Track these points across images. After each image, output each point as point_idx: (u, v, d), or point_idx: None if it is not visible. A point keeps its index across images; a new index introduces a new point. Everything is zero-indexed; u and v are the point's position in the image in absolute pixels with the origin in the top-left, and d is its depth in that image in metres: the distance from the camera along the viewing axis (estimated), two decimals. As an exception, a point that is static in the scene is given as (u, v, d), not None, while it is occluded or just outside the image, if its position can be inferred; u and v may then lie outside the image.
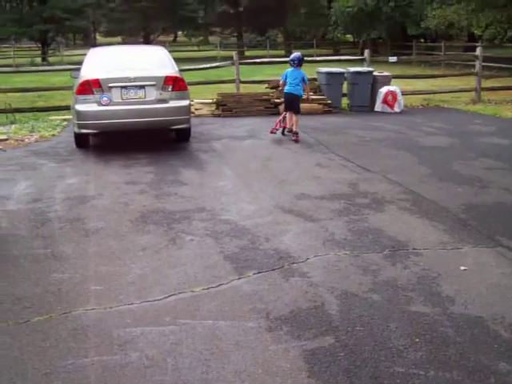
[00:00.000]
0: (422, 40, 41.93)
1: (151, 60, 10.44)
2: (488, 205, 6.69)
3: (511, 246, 5.40)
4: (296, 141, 10.41)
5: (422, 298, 4.33)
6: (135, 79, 9.43)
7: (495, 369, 3.46)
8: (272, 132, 10.84)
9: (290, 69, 10.78)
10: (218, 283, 4.57)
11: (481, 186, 7.44)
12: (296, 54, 11.17)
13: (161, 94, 9.49)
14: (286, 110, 10.85)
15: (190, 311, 4.14)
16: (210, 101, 14.44)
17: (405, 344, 3.70)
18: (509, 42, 29.18)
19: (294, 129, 10.52)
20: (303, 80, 10.69)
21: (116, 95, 9.36)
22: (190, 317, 4.05)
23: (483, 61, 17.23)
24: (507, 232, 5.75)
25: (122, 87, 9.38)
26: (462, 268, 4.87)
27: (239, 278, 4.67)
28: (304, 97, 11.04)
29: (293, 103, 10.67)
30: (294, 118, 10.58)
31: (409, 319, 4.02)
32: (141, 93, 9.45)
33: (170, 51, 11.81)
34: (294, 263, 4.95)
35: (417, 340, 3.75)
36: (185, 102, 9.75)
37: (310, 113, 13.64)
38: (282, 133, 10.93)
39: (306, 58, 11.86)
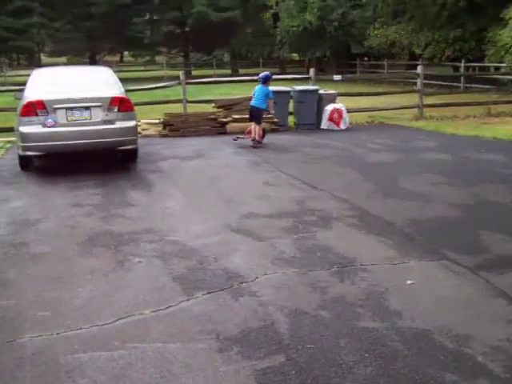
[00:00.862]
0: (366, 58, 42.75)
1: (97, 81, 10.34)
2: (432, 219, 6.83)
3: (456, 258, 5.52)
4: (253, 147, 11.65)
5: (371, 313, 4.38)
6: (80, 100, 9.33)
7: (442, 380, 3.52)
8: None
9: (258, 85, 12.24)
10: (167, 305, 4.53)
11: (425, 201, 7.59)
12: (264, 73, 12.87)
13: (107, 114, 9.41)
14: (250, 120, 12.16)
15: (140, 334, 4.08)
16: (157, 121, 14.38)
17: (355, 360, 3.74)
18: (447, 61, 30.05)
19: (254, 136, 11.85)
20: (267, 95, 12.01)
21: (61, 116, 9.23)
22: (140, 340, 4.00)
23: (424, 78, 17.73)
24: (451, 245, 5.89)
25: (67, 108, 9.27)
26: (409, 282, 4.95)
27: (188, 299, 4.63)
28: (271, 111, 12.53)
29: (255, 115, 12.05)
30: (257, 127, 11.91)
31: (358, 335, 4.06)
32: (86, 114, 9.35)
33: (116, 71, 11.75)
34: (243, 283, 4.95)
35: (366, 355, 3.79)
36: (131, 123, 9.70)
37: (257, 131, 13.73)
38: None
39: (251, 78, 12.39)
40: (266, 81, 12.26)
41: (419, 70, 17.39)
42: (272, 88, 14.66)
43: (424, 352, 3.84)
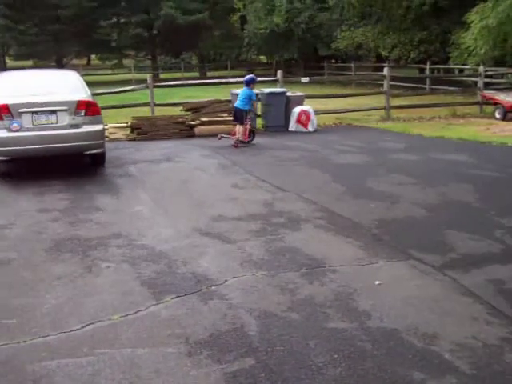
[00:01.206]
0: (333, 60, 43.04)
1: (63, 84, 10.22)
2: (400, 219, 6.91)
3: (423, 258, 5.59)
4: (234, 146, 12.18)
5: (340, 314, 4.42)
6: (46, 104, 9.22)
7: (410, 378, 3.57)
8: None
9: (243, 88, 12.80)
10: (136, 310, 4.50)
11: (392, 202, 7.68)
12: (248, 75, 13.36)
13: (73, 118, 9.32)
14: (234, 121, 12.76)
15: (108, 340, 4.05)
16: (125, 124, 14.30)
17: (324, 361, 3.76)
18: (413, 63, 30.42)
19: (238, 136, 12.38)
20: (250, 97, 12.50)
21: (27, 121, 9.12)
22: (108, 346, 3.97)
23: (391, 80, 17.92)
24: (418, 245, 5.97)
25: (32, 112, 9.15)
26: (377, 282, 5.00)
27: (157, 304, 4.61)
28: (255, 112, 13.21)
29: (238, 116, 12.54)
30: (241, 128, 12.44)
31: (327, 336, 4.08)
32: (52, 118, 9.24)
33: (83, 75, 11.65)
34: (212, 286, 4.95)
35: (336, 356, 3.82)
36: (98, 127, 9.61)
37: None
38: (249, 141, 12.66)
39: (219, 80, 12.39)
40: (249, 83, 12.69)
41: (385, 71, 17.59)
42: (239, 91, 14.71)
43: (392, 351, 3.88)
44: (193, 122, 14.08)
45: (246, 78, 13.15)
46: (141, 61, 56.45)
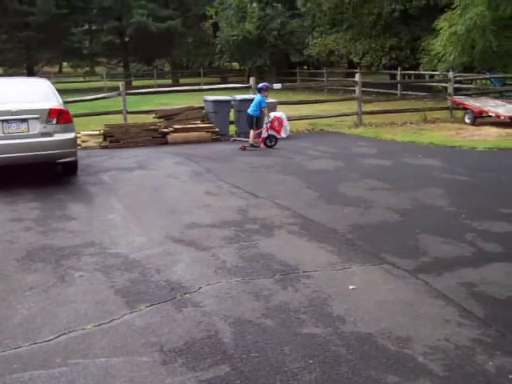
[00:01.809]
0: (306, 67, 43.24)
1: (34, 92, 10.13)
2: (373, 224, 6.96)
3: (396, 262, 5.64)
4: (242, 149, 12.79)
5: (314, 319, 4.43)
6: (17, 112, 9.12)
7: (385, 382, 3.60)
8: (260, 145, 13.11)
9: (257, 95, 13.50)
10: (110, 319, 4.47)
11: (366, 207, 7.73)
12: (261, 83, 13.95)
13: (45, 127, 9.24)
14: (248, 126, 13.41)
15: (82, 350, 4.02)
16: (97, 132, 14.21)
17: (299, 366, 3.77)
18: (384, 69, 30.71)
19: (250, 140, 13.10)
20: (260, 104, 13.03)
21: (-3, 129, 9.01)
22: (82, 356, 3.93)
23: (362, 86, 18.08)
24: (392, 249, 6.02)
25: (3, 121, 9.05)
26: (351, 287, 5.03)
27: (131, 312, 4.59)
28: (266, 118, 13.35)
29: (248, 121, 13.30)
30: (251, 132, 13.11)
31: (302, 341, 4.09)
32: (23, 126, 9.16)
33: (54, 82, 11.56)
34: (186, 293, 4.93)
35: (310, 361, 3.83)
36: (70, 135, 9.54)
37: (198, 141, 13.75)
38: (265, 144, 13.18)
39: (192, 88, 12.42)
40: (260, 90, 13.39)
41: (357, 77, 17.72)
42: (212, 97, 14.75)
43: (367, 355, 3.91)
44: (166, 130, 14.05)
45: (259, 85, 13.87)
46: (113, 68, 56.19)
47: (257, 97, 13.39)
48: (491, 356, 3.89)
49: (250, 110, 13.24)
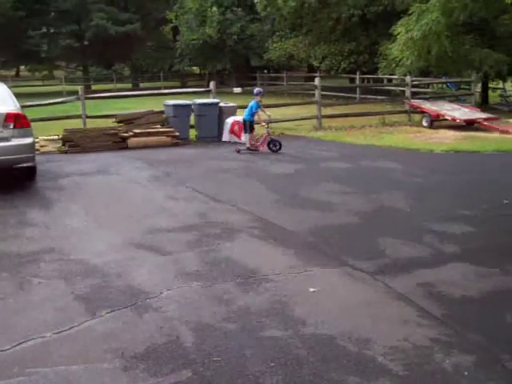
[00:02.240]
0: (266, 71, 43.35)
1: (-10, 96, 9.95)
2: (333, 227, 7.03)
3: (356, 264, 5.71)
4: (237, 151, 12.95)
5: (275, 322, 4.46)
6: (-28, 117, 8.95)
7: (346, 383, 3.65)
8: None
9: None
10: (70, 326, 4.42)
11: (326, 210, 7.80)
12: (256, 89, 13.99)
13: (1, 132, 9.07)
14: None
15: (41, 358, 3.96)
16: (56, 137, 14.01)
17: (261, 370, 3.79)
18: (344, 73, 31.02)
19: (246, 144, 13.20)
20: (251, 109, 13.20)
21: (-48, 134, 8.83)
22: (41, 364, 3.88)
23: (322, 90, 18.23)
24: (352, 251, 6.09)
25: (-42, 126, 8.87)
26: (312, 290, 5.07)
27: (92, 319, 4.55)
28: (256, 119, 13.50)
29: (243, 126, 13.49)
30: (247, 136, 13.22)
31: (263, 345, 4.11)
32: (-21, 131, 8.98)
33: (11, 86, 11.36)
34: (147, 299, 4.91)
35: (272, 364, 3.85)
36: (28, 140, 9.38)
37: (158, 145, 13.67)
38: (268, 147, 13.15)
39: (152, 92, 12.29)
40: (255, 95, 13.48)
41: (317, 81, 17.86)
42: (172, 102, 14.69)
43: (328, 357, 3.95)
44: (126, 134, 13.93)
45: (254, 90, 13.96)
46: (72, 72, 55.52)
47: (251, 102, 13.46)
48: (448, 354, 3.98)
49: (244, 115, 13.44)
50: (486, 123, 16.75)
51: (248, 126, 13.31)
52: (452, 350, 4.03)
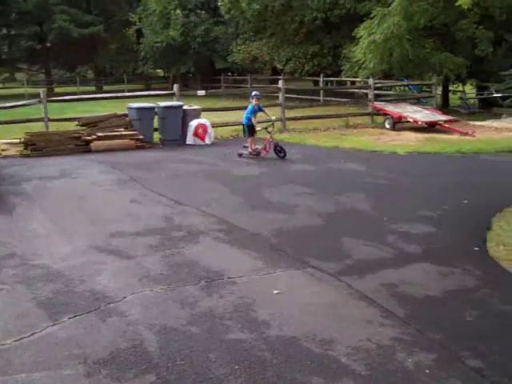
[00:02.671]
0: (230, 74, 43.39)
1: None
2: (297, 229, 7.07)
3: (319, 266, 5.75)
4: (239, 155, 12.61)
5: (239, 325, 4.46)
6: None
7: (309, 384, 3.66)
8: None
9: None
10: (31, 332, 4.36)
11: (290, 212, 7.84)
12: (253, 92, 13.26)
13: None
14: None
15: (1, 367, 3.90)
16: (18, 141, 13.80)
17: (225, 372, 3.79)
18: (308, 75, 31.21)
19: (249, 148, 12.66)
20: (247, 112, 12.73)
21: None
22: (1, 373, 3.81)
23: (286, 92, 18.30)
24: (315, 253, 6.13)
25: None
26: (276, 292, 5.09)
27: (54, 325, 4.49)
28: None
29: (243, 130, 13.19)
30: (248, 140, 12.71)
31: (228, 347, 4.12)
32: None
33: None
34: (110, 303, 4.87)
35: (236, 367, 3.86)
36: (-12, 144, 9.25)
37: (122, 149, 13.57)
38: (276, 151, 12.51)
39: (116, 95, 12.09)
40: (251, 98, 12.95)
41: (280, 84, 17.93)
42: (136, 105, 14.59)
43: (292, 359, 3.97)
44: (89, 137, 13.80)
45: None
46: (34, 74, 54.83)
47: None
48: (410, 353, 4.03)
49: (244, 119, 12.95)
50: (446, 125, 17.01)
51: (246, 129, 12.83)
52: (414, 349, 4.09)
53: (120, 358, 3.97)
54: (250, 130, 12.64)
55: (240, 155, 12.63)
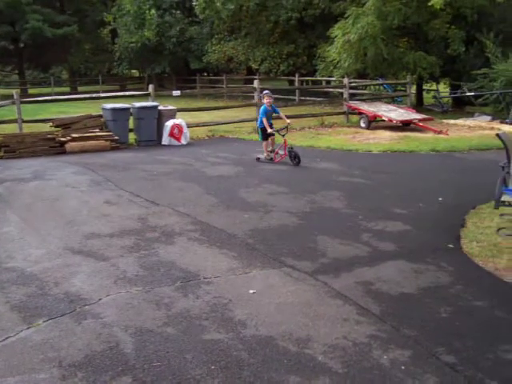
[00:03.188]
0: (205, 74, 43.31)
1: None
2: (272, 228, 7.07)
3: (295, 265, 5.76)
4: (256, 159, 12.02)
5: (216, 325, 4.46)
6: None
7: (286, 383, 3.69)
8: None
9: None
10: (5, 336, 4.32)
11: (265, 211, 7.84)
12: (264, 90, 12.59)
13: None
14: None
15: (-26, 371, 3.85)
16: (-10, 142, 13.64)
17: (201, 373, 3.79)
18: (283, 75, 31.29)
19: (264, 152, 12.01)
20: (261, 113, 11.97)
21: None
22: (-26, 377, 3.78)
23: (261, 92, 18.25)
24: (291, 252, 6.14)
25: None
26: (252, 291, 5.10)
27: (28, 328, 4.45)
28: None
29: (258, 132, 12.41)
30: (263, 143, 12.04)
31: (204, 348, 4.11)
32: None
33: None
34: (86, 305, 4.84)
35: (213, 367, 3.85)
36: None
37: (97, 150, 13.49)
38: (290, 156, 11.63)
39: (90, 95, 11.97)
40: (262, 98, 12.32)
41: (255, 84, 17.95)
42: (110, 105, 14.49)
43: (268, 358, 3.97)
44: (63, 139, 13.68)
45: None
46: (7, 75, 54.20)
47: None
48: (386, 350, 4.06)
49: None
50: (421, 124, 17.16)
51: (259, 132, 12.17)
52: (389, 346, 4.12)
53: (96, 361, 3.94)
54: (263, 132, 11.94)
55: (257, 159, 12.04)
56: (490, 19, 21.83)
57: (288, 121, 12.16)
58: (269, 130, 11.71)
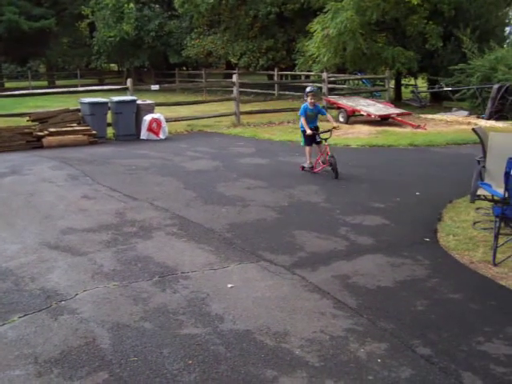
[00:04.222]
0: (184, 68, 43.13)
1: None
2: (250, 222, 7.08)
3: (273, 259, 5.77)
4: (301, 168, 10.40)
5: (193, 319, 4.45)
6: None
7: (263, 377, 3.69)
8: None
9: None
10: (-20, 333, 4.28)
11: (243, 205, 7.84)
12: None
13: None
14: None
15: None
16: (-35, 137, 13.47)
17: (179, 368, 3.78)
18: (262, 69, 31.28)
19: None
20: (300, 113, 10.39)
21: None
22: None
23: (240, 87, 18.30)
24: (268, 246, 6.15)
25: None
26: (229, 286, 5.10)
27: (3, 324, 4.41)
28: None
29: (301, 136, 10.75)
30: (306, 149, 10.44)
31: (181, 342, 4.11)
32: None
33: None
34: (62, 301, 4.80)
35: (190, 362, 3.85)
36: None
37: (75, 144, 13.39)
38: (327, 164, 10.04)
39: (68, 89, 11.80)
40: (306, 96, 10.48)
41: (234, 78, 17.92)
42: (88, 100, 14.37)
43: (245, 352, 3.98)
44: (41, 133, 13.55)
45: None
46: (-17, 69, 53.56)
47: None
48: (363, 343, 4.09)
49: None
50: (399, 118, 17.28)
51: (302, 136, 10.64)
52: (366, 339, 4.15)
53: (72, 357, 3.92)
54: (305, 136, 10.37)
55: (302, 168, 10.40)
56: (466, 15, 22.04)
57: (335, 124, 10.47)
58: (308, 131, 10.05)
